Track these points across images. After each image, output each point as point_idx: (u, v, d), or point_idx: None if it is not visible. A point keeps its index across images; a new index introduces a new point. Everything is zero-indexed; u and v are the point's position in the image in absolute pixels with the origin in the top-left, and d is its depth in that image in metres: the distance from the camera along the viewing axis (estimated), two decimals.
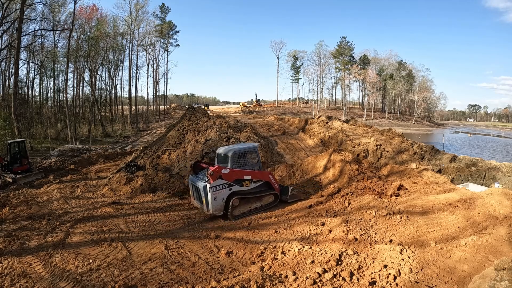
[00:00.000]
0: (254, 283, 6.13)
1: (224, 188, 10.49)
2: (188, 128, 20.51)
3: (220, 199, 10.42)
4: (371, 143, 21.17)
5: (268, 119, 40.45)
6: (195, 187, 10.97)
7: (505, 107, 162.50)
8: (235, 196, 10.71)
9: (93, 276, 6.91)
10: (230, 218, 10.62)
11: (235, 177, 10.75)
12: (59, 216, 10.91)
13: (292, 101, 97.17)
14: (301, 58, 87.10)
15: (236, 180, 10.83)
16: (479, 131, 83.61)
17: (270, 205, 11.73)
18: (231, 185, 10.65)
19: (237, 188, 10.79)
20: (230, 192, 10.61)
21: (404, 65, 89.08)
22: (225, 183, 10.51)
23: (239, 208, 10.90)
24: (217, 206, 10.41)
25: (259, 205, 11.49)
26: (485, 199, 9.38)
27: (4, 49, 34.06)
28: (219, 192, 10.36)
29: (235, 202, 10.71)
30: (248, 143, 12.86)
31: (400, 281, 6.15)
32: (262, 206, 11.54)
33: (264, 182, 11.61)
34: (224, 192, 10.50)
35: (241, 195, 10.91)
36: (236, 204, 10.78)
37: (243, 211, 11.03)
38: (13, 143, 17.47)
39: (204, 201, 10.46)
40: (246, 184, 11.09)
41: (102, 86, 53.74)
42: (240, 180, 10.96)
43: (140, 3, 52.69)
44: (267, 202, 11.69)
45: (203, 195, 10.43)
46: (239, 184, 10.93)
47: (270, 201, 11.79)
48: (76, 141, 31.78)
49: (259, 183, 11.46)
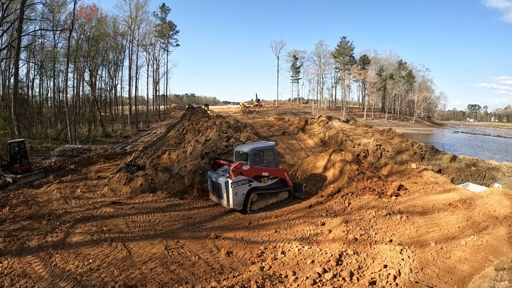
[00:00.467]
0: (254, 283, 6.13)
1: (244, 184, 11.07)
2: (188, 128, 20.51)
3: (241, 194, 11.02)
4: (371, 143, 21.17)
5: (268, 119, 40.43)
6: (215, 183, 11.53)
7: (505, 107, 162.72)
8: (254, 191, 11.29)
9: (93, 276, 6.91)
10: (249, 213, 11.15)
11: (254, 173, 11.37)
12: (59, 216, 10.90)
13: (292, 101, 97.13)
14: (301, 58, 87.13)
15: (255, 176, 11.42)
16: (479, 131, 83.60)
17: (284, 201, 12.22)
18: (251, 181, 11.25)
19: (256, 184, 11.37)
20: (249, 187, 11.20)
21: (404, 65, 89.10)
22: (245, 179, 11.09)
23: (257, 203, 11.49)
24: (238, 201, 11.00)
25: (275, 201, 12.03)
26: (485, 199, 9.38)
27: (4, 49, 34.06)
28: (239, 188, 10.96)
29: (254, 197, 11.30)
30: (265, 142, 13.54)
31: (400, 281, 6.15)
32: (277, 202, 12.08)
33: (279, 179, 12.15)
34: (244, 188, 11.09)
35: (259, 190, 11.45)
36: (255, 200, 11.38)
37: (261, 206, 11.58)
38: (13, 143, 17.46)
39: (225, 196, 11.07)
40: (264, 180, 11.65)
41: (102, 86, 53.77)
42: (258, 176, 11.54)
43: (140, 3, 52.67)
44: (282, 198, 12.22)
45: (224, 190, 11.03)
46: (257, 180, 11.49)
47: (285, 197, 12.32)
48: (76, 141, 31.77)
49: (275, 179, 12.03)
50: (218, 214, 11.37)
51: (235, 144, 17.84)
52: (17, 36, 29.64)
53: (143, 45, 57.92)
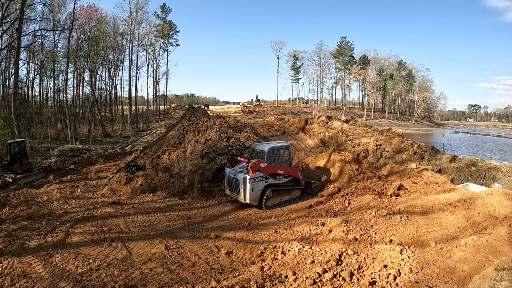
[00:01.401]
0: (254, 283, 6.13)
1: (261, 180, 11.54)
2: (188, 128, 20.50)
3: (257, 190, 11.48)
4: (371, 143, 21.17)
5: (268, 119, 40.42)
6: (233, 179, 11.92)
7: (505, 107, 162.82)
8: (270, 188, 11.75)
9: (93, 276, 6.90)
10: (264, 208, 11.61)
11: (271, 171, 11.83)
12: (59, 216, 10.90)
13: (292, 101, 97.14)
14: (301, 58, 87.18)
15: (271, 174, 11.86)
16: (479, 131, 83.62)
17: (297, 198, 12.69)
18: (267, 178, 11.72)
19: (272, 181, 11.85)
20: (266, 184, 11.66)
21: (404, 65, 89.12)
22: (262, 175, 11.56)
23: (272, 200, 11.94)
24: (254, 196, 11.45)
25: (288, 198, 12.52)
26: (485, 199, 9.38)
27: (4, 49, 34.06)
28: (256, 184, 11.42)
29: (269, 194, 11.77)
30: (281, 142, 13.97)
31: (400, 281, 6.15)
32: (290, 199, 12.58)
33: (292, 178, 12.61)
34: (261, 184, 11.55)
35: (274, 187, 11.93)
36: (270, 196, 11.84)
37: (275, 203, 12.06)
38: (13, 143, 17.45)
39: (242, 191, 11.45)
40: (279, 178, 12.11)
41: (102, 86, 53.78)
42: (274, 174, 11.98)
43: (140, 3, 52.70)
44: (295, 196, 12.73)
45: (241, 186, 11.42)
46: (273, 177, 11.95)
47: (297, 195, 12.83)
48: (76, 141, 31.76)
49: (289, 178, 12.50)
50: (218, 214, 11.37)
51: (235, 144, 17.85)
52: (17, 36, 29.63)
53: (143, 45, 57.98)
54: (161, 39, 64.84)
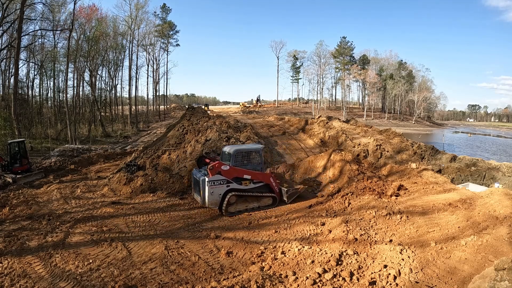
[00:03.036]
0: (254, 283, 6.13)
1: (222, 184, 10.87)
2: (188, 128, 20.51)
3: (217, 194, 10.84)
4: (371, 143, 21.17)
5: (268, 119, 40.41)
6: (195, 180, 11.48)
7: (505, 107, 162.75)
8: (232, 193, 11.02)
9: (93, 276, 6.90)
10: (225, 214, 10.94)
11: (234, 175, 11.13)
12: (59, 216, 10.90)
13: (292, 101, 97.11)
14: (301, 58, 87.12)
15: (235, 178, 11.17)
16: (479, 131, 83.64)
17: (268, 207, 11.85)
18: (229, 182, 11.01)
19: (235, 186, 11.10)
20: (227, 188, 10.96)
21: (404, 65, 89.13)
22: (223, 179, 10.89)
23: (235, 206, 11.23)
24: (213, 200, 10.83)
25: (256, 205, 11.69)
26: (485, 199, 9.38)
27: (4, 49, 34.07)
28: (216, 187, 10.79)
29: (232, 199, 11.06)
30: (254, 144, 13.33)
31: (400, 281, 6.15)
32: (259, 207, 11.72)
33: (265, 184, 11.81)
34: (222, 188, 10.88)
35: (238, 192, 11.19)
36: (233, 201, 11.13)
37: (239, 209, 11.32)
38: (13, 143, 17.44)
39: (201, 194, 10.96)
40: (245, 183, 11.35)
41: (102, 86, 53.79)
42: (239, 178, 11.27)
43: (140, 3, 52.68)
44: (265, 204, 11.86)
45: (201, 188, 10.91)
46: (238, 182, 11.23)
47: (269, 203, 11.95)
48: (76, 141, 31.76)
49: (259, 184, 11.67)
50: (218, 214, 11.36)
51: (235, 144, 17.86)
52: (17, 36, 29.62)
53: (143, 45, 57.97)
54: (161, 39, 64.81)
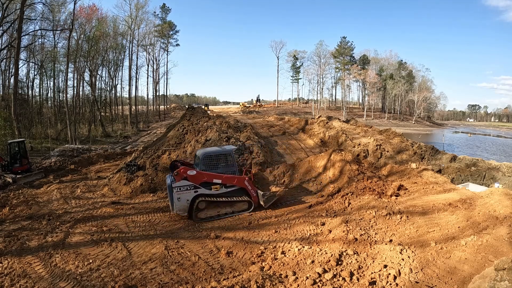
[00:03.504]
0: (254, 283, 6.13)
1: (189, 190, 10.36)
2: (188, 128, 20.51)
3: (184, 200, 10.34)
4: (371, 143, 21.18)
5: (268, 119, 40.44)
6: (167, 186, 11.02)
7: (505, 107, 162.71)
8: (201, 198, 10.51)
9: (93, 276, 6.91)
10: (195, 220, 10.49)
11: (202, 179, 10.57)
12: (59, 216, 10.91)
13: (292, 101, 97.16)
14: (301, 58, 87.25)
15: (204, 183, 10.60)
16: (479, 131, 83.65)
17: (244, 212, 11.14)
18: (197, 187, 10.46)
19: (203, 191, 10.54)
20: (195, 194, 10.44)
21: (404, 65, 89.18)
22: (190, 184, 10.37)
23: (206, 211, 10.68)
24: (181, 206, 10.36)
25: (230, 211, 10.99)
26: (485, 199, 9.37)
27: (4, 49, 34.08)
28: (183, 193, 10.30)
29: (201, 205, 10.55)
30: (225, 146, 12.43)
31: (400, 281, 6.15)
32: (233, 212, 11.03)
33: (239, 188, 11.04)
34: (189, 194, 10.37)
35: (207, 198, 10.63)
36: (202, 207, 10.60)
37: (211, 215, 10.74)
38: (13, 143, 17.45)
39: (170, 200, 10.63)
40: (216, 188, 10.73)
41: (102, 86, 53.87)
42: (209, 183, 10.68)
43: (140, 3, 52.80)
44: (240, 209, 11.12)
45: (169, 194, 10.61)
46: (207, 187, 10.64)
47: (244, 208, 11.16)
48: (76, 141, 31.77)
49: (232, 188, 10.94)
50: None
51: (235, 144, 17.86)
52: (17, 36, 29.63)
53: (143, 45, 58.04)
54: (161, 39, 64.86)
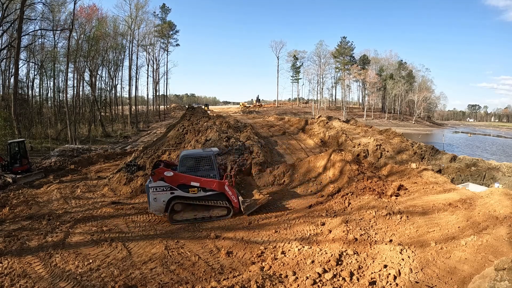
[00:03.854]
0: (254, 283, 6.13)
1: (165, 191, 10.26)
2: (188, 128, 20.51)
3: (161, 201, 10.26)
4: (371, 143, 21.18)
5: (268, 119, 40.45)
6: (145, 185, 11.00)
7: (505, 107, 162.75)
8: (177, 200, 10.40)
9: (93, 276, 6.91)
10: (170, 221, 10.43)
11: (179, 181, 10.43)
12: (59, 216, 10.91)
13: (292, 101, 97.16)
14: (301, 58, 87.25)
15: (181, 185, 10.45)
16: (479, 131, 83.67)
17: (222, 217, 10.76)
18: (174, 189, 10.33)
19: (180, 193, 10.38)
20: (172, 195, 10.32)
21: (404, 65, 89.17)
22: (167, 186, 10.26)
23: (182, 214, 10.56)
24: (157, 207, 10.31)
25: (207, 215, 10.72)
26: (485, 199, 9.37)
27: (4, 49, 34.08)
28: (159, 194, 10.23)
29: (177, 206, 10.46)
30: (207, 149, 12.14)
31: (400, 281, 6.15)
32: (211, 217, 10.72)
33: (219, 193, 10.67)
34: (165, 195, 10.27)
35: (184, 200, 10.49)
36: (178, 209, 10.50)
37: (187, 218, 10.57)
38: (13, 143, 17.45)
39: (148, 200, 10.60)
40: (193, 191, 10.52)
41: (102, 86, 53.87)
42: (186, 185, 10.50)
43: (141, 3, 52.77)
44: (218, 214, 10.78)
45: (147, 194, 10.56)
46: (184, 189, 10.46)
47: (222, 213, 10.80)
48: (76, 141, 31.77)
49: (211, 192, 10.60)
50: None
51: (235, 144, 17.87)
52: (17, 36, 29.62)
53: (143, 45, 58.03)
54: (161, 39, 64.86)
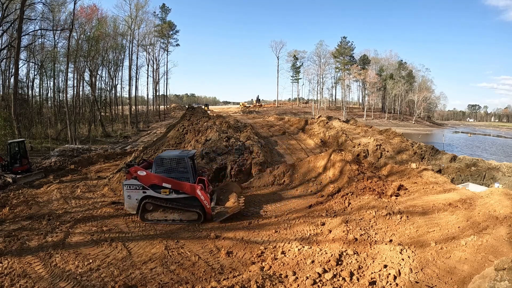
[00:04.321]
0: (254, 283, 6.13)
1: (137, 189, 10.44)
2: (188, 128, 20.51)
3: (134, 199, 10.46)
4: (371, 143, 21.19)
5: (268, 119, 40.47)
6: None
7: (505, 107, 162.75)
8: (148, 200, 10.46)
9: (93, 276, 6.91)
10: (141, 219, 10.55)
11: (151, 181, 10.49)
12: (59, 216, 10.91)
13: (292, 101, 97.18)
14: (301, 58, 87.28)
15: (154, 185, 10.48)
16: (479, 131, 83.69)
17: (193, 222, 10.45)
18: (146, 188, 10.44)
19: (151, 193, 10.44)
20: (144, 194, 10.45)
21: (404, 65, 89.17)
22: (140, 184, 10.43)
23: (153, 214, 10.58)
24: (131, 204, 10.52)
25: (178, 218, 10.54)
26: (485, 199, 9.37)
27: (4, 49, 34.06)
28: (132, 192, 10.46)
29: (148, 206, 10.52)
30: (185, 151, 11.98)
31: (400, 281, 6.15)
32: (181, 220, 10.53)
33: (192, 196, 10.46)
34: (138, 193, 10.44)
35: (155, 201, 10.48)
36: (150, 209, 10.55)
37: (158, 218, 10.57)
38: (13, 143, 17.44)
39: None
40: (165, 192, 10.48)
41: (102, 86, 53.85)
42: (158, 186, 10.52)
43: (141, 3, 52.76)
44: (188, 218, 10.52)
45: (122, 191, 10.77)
46: (156, 190, 10.49)
47: (193, 218, 10.47)
48: (76, 141, 31.77)
49: (184, 195, 10.44)
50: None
51: (235, 144, 17.87)
52: (17, 36, 29.61)
53: (143, 45, 58.02)
54: (161, 39, 64.87)
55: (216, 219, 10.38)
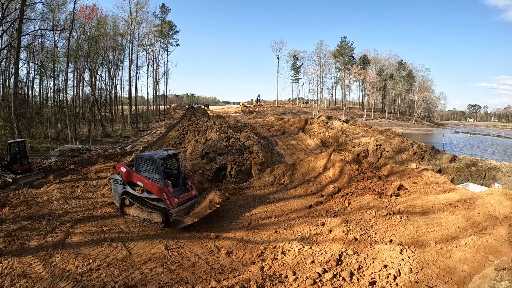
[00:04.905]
0: (254, 283, 6.13)
1: (119, 184, 11.18)
2: (188, 128, 20.51)
3: (117, 193, 11.27)
4: (371, 143, 21.19)
5: (268, 119, 40.44)
6: None
7: (505, 107, 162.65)
8: (126, 196, 11.03)
9: (93, 276, 6.91)
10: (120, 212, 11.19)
11: (130, 178, 10.87)
12: (59, 216, 10.91)
13: (292, 101, 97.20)
14: (301, 58, 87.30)
15: (131, 182, 10.84)
16: (479, 131, 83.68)
17: (158, 224, 10.21)
18: (125, 184, 10.98)
19: (129, 189, 10.91)
20: (123, 190, 11.09)
21: (404, 65, 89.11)
22: (121, 180, 11.06)
23: (130, 209, 11.00)
24: (115, 197, 11.42)
25: (146, 218, 10.51)
26: (485, 199, 9.37)
27: (4, 49, 34.05)
28: (116, 185, 11.31)
29: (126, 201, 11.10)
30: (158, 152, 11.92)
31: (400, 281, 6.16)
32: (148, 220, 10.47)
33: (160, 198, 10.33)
34: (120, 188, 11.17)
35: (131, 198, 10.83)
36: (127, 204, 11.09)
37: (133, 215, 10.81)
38: (13, 143, 17.43)
39: None
40: (139, 190, 10.65)
41: (102, 86, 53.78)
42: (134, 183, 10.79)
43: (141, 3, 52.72)
44: (154, 220, 10.40)
45: None
46: (132, 187, 10.79)
47: (158, 220, 10.26)
48: (76, 141, 31.76)
49: (153, 195, 10.40)
50: (217, 214, 11.34)
51: (235, 144, 17.87)
52: (17, 36, 29.57)
53: (143, 45, 58.00)
54: (161, 39, 64.84)
55: (173, 226, 10.00)
